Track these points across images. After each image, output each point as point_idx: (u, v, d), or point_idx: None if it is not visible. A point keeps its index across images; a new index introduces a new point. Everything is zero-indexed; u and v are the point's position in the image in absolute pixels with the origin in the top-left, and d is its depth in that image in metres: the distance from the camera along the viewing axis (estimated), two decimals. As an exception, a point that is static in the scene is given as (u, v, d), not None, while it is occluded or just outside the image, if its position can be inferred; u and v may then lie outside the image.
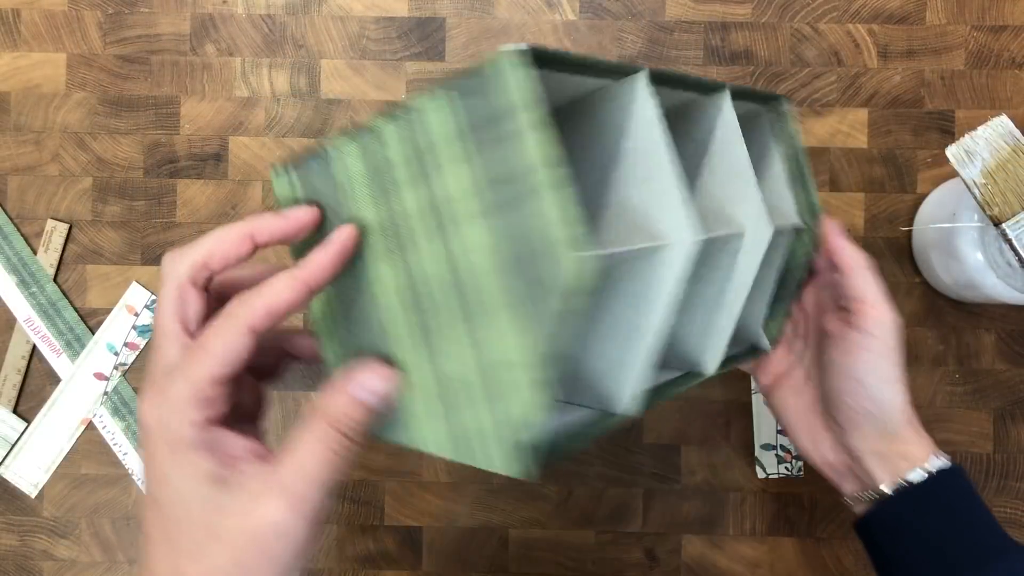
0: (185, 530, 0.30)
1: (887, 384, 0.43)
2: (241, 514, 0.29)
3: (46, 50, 0.60)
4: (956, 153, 0.49)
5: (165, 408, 0.30)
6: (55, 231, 0.60)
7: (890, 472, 0.43)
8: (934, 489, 0.42)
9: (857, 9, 0.59)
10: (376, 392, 0.31)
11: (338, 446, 0.30)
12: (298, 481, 0.29)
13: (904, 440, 0.43)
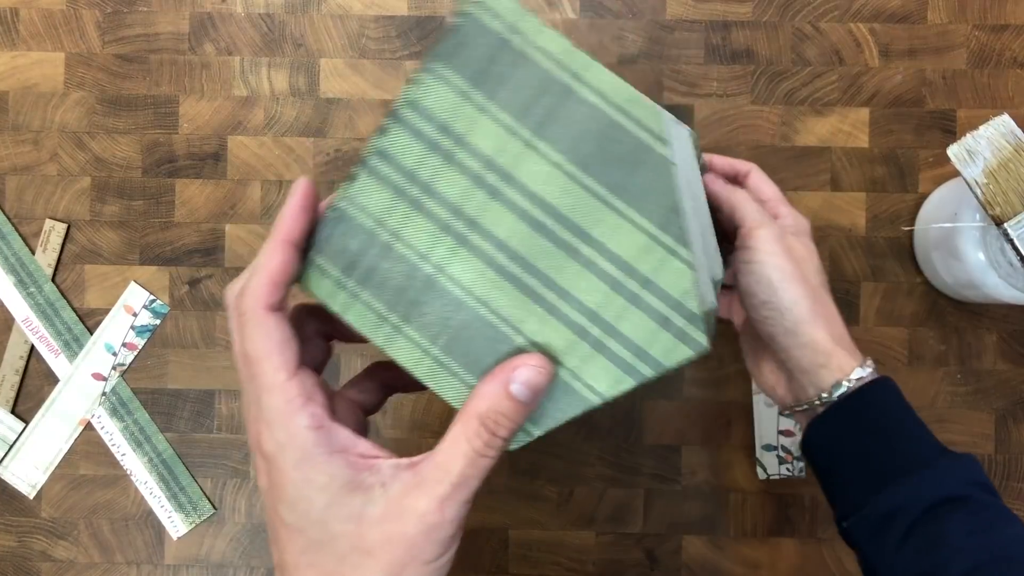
0: (331, 550, 0.28)
1: (782, 291, 0.43)
2: (388, 521, 0.27)
3: (44, 49, 0.60)
4: (958, 152, 0.48)
5: (277, 430, 0.28)
6: (53, 231, 0.60)
7: (816, 387, 0.44)
8: (859, 401, 0.43)
9: (858, 8, 0.59)
10: (531, 385, 0.29)
11: (486, 446, 0.29)
12: (444, 481, 0.28)
13: (827, 354, 0.43)
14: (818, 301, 0.44)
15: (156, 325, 0.60)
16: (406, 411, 0.60)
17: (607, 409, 0.59)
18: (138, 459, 0.60)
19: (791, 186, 0.59)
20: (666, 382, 0.59)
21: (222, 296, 0.37)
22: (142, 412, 0.60)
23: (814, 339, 0.43)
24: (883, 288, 0.59)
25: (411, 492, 0.28)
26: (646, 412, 0.59)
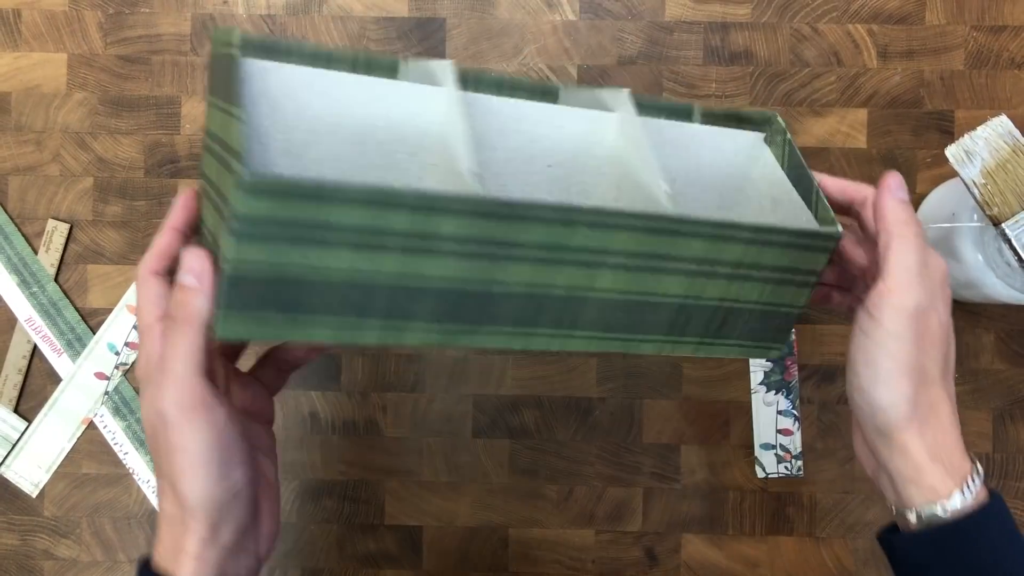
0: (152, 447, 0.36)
1: (883, 384, 0.36)
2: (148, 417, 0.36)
3: (47, 50, 0.61)
4: (955, 153, 0.49)
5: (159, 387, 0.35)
6: (56, 231, 0.60)
7: (903, 501, 0.37)
8: (956, 537, 0.36)
9: (856, 9, 0.59)
10: (194, 271, 0.34)
11: (168, 333, 0.35)
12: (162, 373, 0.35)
13: (918, 468, 0.36)
14: (923, 403, 0.36)
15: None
16: (406, 411, 0.60)
17: (607, 408, 0.60)
18: (140, 458, 0.60)
19: (790, 186, 0.59)
20: (666, 381, 0.60)
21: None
22: (144, 411, 0.60)
23: (905, 448, 0.36)
24: (881, 288, 0.59)
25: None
26: (645, 411, 0.60)
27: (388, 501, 0.60)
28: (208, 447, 0.34)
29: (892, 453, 0.37)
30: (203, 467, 0.34)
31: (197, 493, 0.34)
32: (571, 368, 0.60)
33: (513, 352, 0.60)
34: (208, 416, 0.34)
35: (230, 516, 0.35)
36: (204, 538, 0.35)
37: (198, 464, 0.34)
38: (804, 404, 0.59)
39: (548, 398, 0.60)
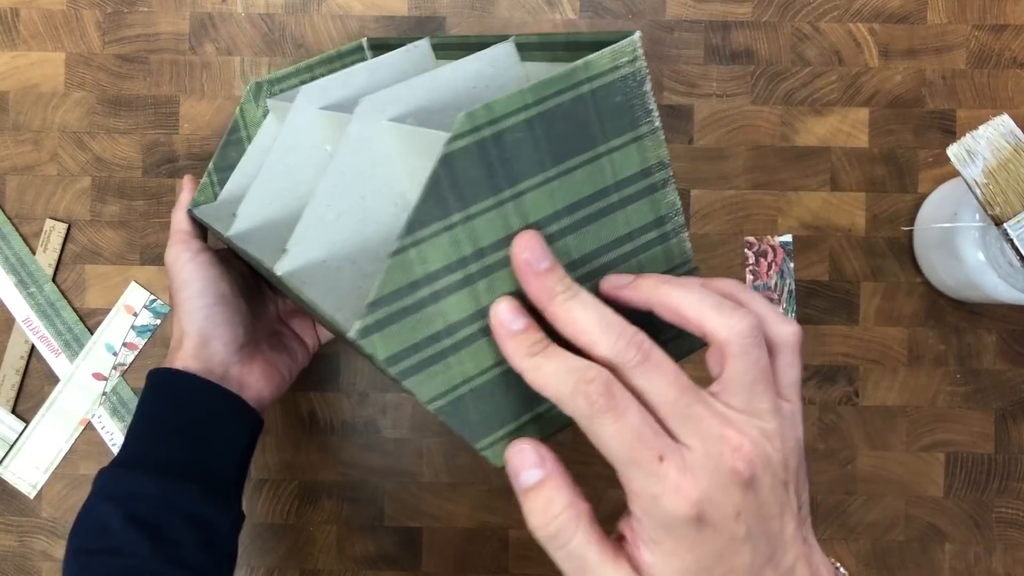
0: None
1: None
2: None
3: (45, 49, 0.60)
4: (957, 152, 0.48)
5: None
6: (54, 231, 0.60)
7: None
8: None
9: (858, 8, 0.59)
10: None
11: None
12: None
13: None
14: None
15: (157, 325, 0.60)
16: (406, 411, 0.60)
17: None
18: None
19: (791, 186, 0.59)
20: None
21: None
22: (142, 412, 0.60)
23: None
24: (883, 288, 0.59)
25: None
26: (646, 412, 0.59)
27: (387, 502, 0.60)
28: (190, 275, 0.48)
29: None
30: (186, 290, 0.48)
31: (182, 316, 0.48)
32: (571, 368, 0.60)
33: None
34: (189, 253, 0.48)
35: (209, 344, 0.48)
36: (188, 355, 0.47)
37: (184, 286, 0.48)
38: (805, 405, 0.59)
39: (548, 399, 0.60)
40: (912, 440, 0.59)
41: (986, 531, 0.59)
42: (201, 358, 0.47)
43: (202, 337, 0.47)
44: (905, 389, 0.59)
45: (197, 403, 0.47)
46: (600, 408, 0.28)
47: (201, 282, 0.48)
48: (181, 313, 0.48)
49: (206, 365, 0.47)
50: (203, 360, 0.47)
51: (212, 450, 0.46)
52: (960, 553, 0.59)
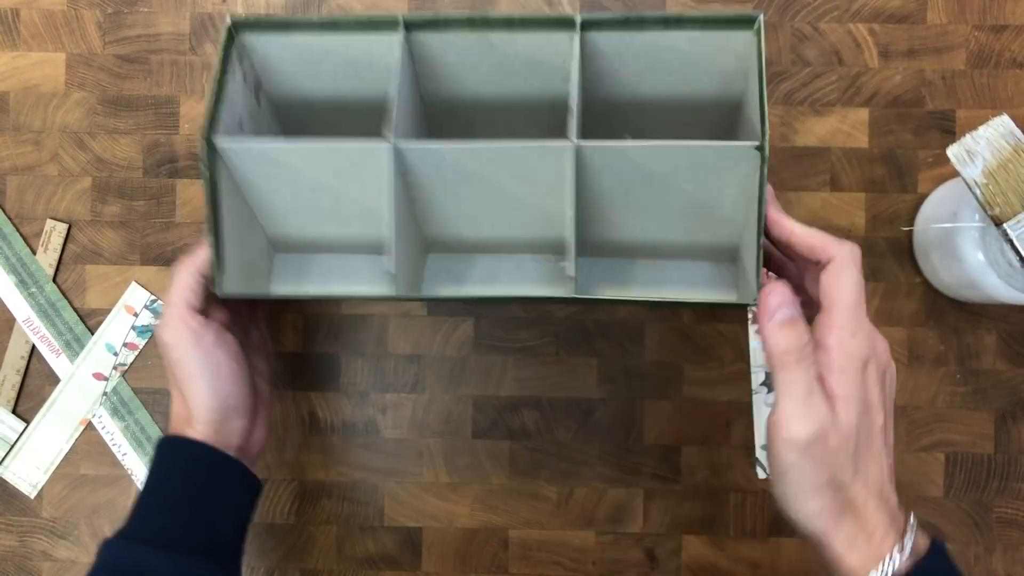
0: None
1: (794, 500, 0.40)
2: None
3: (45, 50, 0.60)
4: (957, 153, 0.48)
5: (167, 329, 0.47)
6: (54, 231, 0.60)
7: (833, 573, 0.40)
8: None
9: (858, 9, 0.59)
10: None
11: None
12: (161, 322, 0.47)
13: (836, 556, 0.39)
14: (835, 509, 0.39)
15: (157, 325, 0.60)
16: (406, 411, 0.60)
17: (607, 410, 0.59)
18: (139, 459, 0.60)
19: (790, 186, 0.59)
20: (666, 383, 0.59)
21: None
22: (143, 412, 0.60)
23: (823, 542, 0.39)
24: (882, 288, 0.59)
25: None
26: (646, 412, 0.59)
27: (387, 502, 0.60)
28: (200, 364, 0.46)
29: (815, 542, 0.40)
30: (199, 379, 0.46)
31: (196, 401, 0.46)
32: (571, 369, 0.60)
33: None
34: (194, 339, 0.46)
35: (227, 421, 0.47)
36: (206, 434, 0.47)
37: (195, 376, 0.46)
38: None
39: (548, 399, 0.60)
40: (912, 440, 0.59)
41: (986, 531, 0.59)
42: (222, 432, 0.47)
43: (221, 420, 0.47)
44: (904, 389, 0.59)
45: (207, 474, 0.47)
46: (856, 262, 0.41)
47: (211, 372, 0.46)
48: (192, 400, 0.47)
49: (225, 439, 0.47)
50: (223, 435, 0.47)
51: (220, 520, 0.47)
52: (960, 553, 0.59)
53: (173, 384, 0.48)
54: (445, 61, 0.48)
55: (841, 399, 0.39)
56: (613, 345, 0.60)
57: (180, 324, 0.46)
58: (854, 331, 0.40)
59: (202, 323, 0.46)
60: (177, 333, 0.46)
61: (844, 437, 0.39)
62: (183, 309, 0.46)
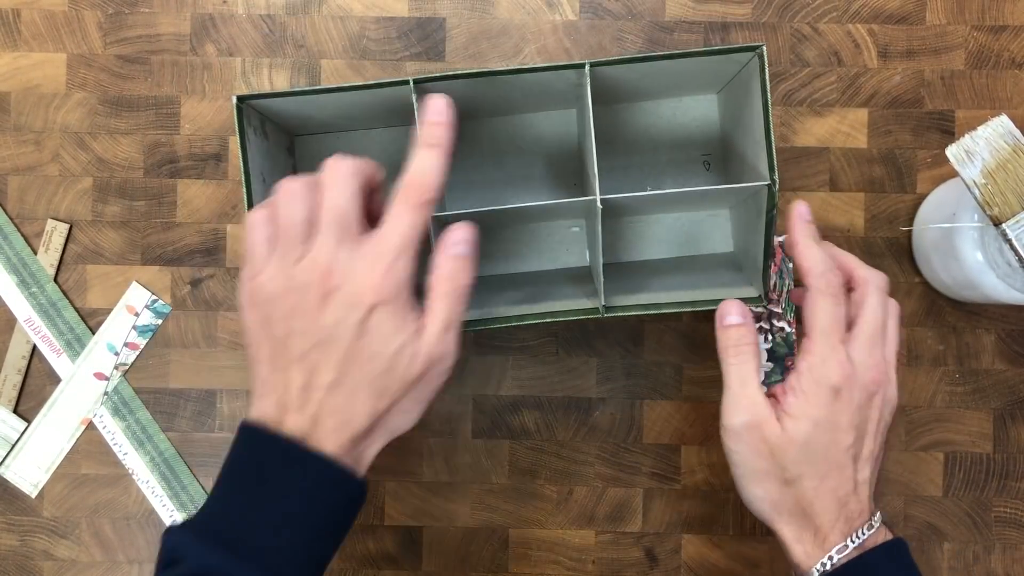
0: (395, 379, 0.39)
1: (745, 486, 0.45)
2: (421, 357, 0.39)
3: (46, 50, 0.61)
4: (956, 153, 0.49)
5: (378, 269, 0.38)
6: (55, 231, 0.60)
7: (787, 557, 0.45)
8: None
9: (857, 9, 0.59)
10: (464, 245, 0.41)
11: (458, 299, 0.40)
12: (443, 334, 0.40)
13: (785, 542, 0.45)
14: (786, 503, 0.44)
15: (158, 325, 0.60)
16: (407, 411, 0.60)
17: (607, 409, 0.60)
18: (140, 458, 0.60)
19: (790, 187, 0.59)
20: (666, 382, 0.60)
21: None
22: (144, 411, 0.60)
23: (773, 528, 0.45)
24: (882, 288, 0.59)
25: (427, 333, 0.39)
26: (645, 411, 0.60)
27: (388, 501, 0.60)
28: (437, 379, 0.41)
29: (771, 529, 0.45)
30: (423, 398, 0.40)
31: (408, 424, 0.40)
32: (571, 368, 0.60)
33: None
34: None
35: (383, 439, 0.41)
36: (338, 448, 0.39)
37: (419, 399, 0.40)
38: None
39: (548, 398, 0.60)
40: (911, 440, 0.59)
41: (985, 531, 0.59)
42: (360, 447, 0.39)
43: (391, 432, 0.40)
44: (904, 389, 0.59)
45: (328, 505, 0.39)
46: (831, 291, 0.43)
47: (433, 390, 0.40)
48: (366, 413, 0.38)
49: (358, 461, 0.40)
50: (357, 454, 0.39)
51: (326, 543, 0.40)
52: (959, 553, 0.59)
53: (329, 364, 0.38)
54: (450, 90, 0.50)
55: (791, 417, 0.42)
56: (613, 345, 0.60)
57: (402, 299, 0.38)
58: (825, 357, 0.42)
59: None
60: (399, 312, 0.38)
61: (790, 441, 0.42)
62: (402, 281, 0.38)
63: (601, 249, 0.49)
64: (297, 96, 0.49)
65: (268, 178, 0.52)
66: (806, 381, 0.42)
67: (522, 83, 0.50)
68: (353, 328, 0.37)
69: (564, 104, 0.58)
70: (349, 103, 0.51)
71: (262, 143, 0.52)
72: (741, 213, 0.55)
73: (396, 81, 0.48)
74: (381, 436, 0.40)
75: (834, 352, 0.42)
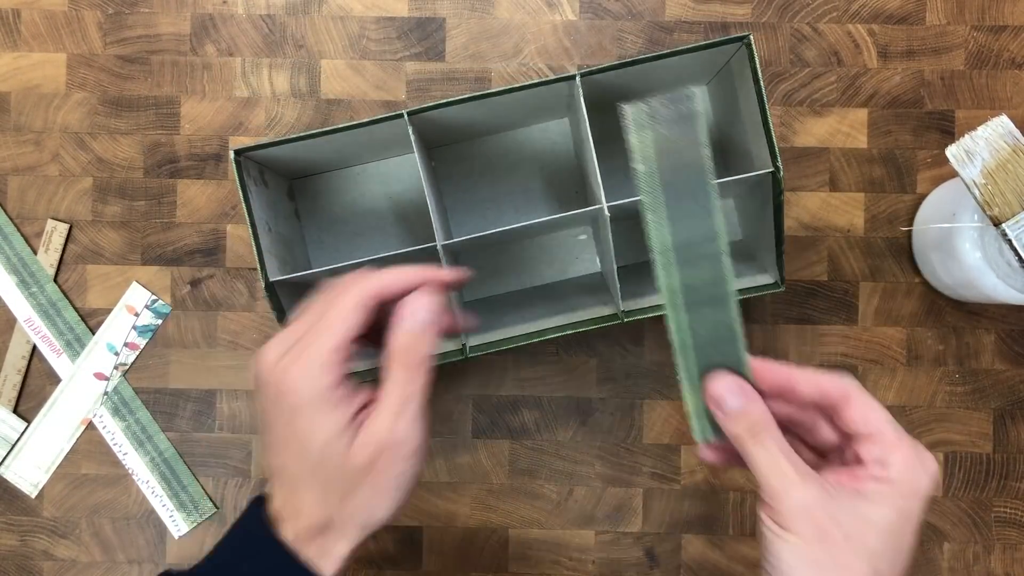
0: (333, 471, 0.37)
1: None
2: (366, 448, 0.37)
3: (46, 50, 0.60)
4: (956, 153, 0.49)
5: (305, 374, 0.37)
6: (55, 231, 0.60)
7: None
8: None
9: (857, 9, 0.59)
10: (420, 319, 0.39)
11: (417, 370, 0.38)
12: (397, 407, 0.37)
13: None
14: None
15: (158, 325, 0.60)
16: (406, 411, 0.60)
17: (607, 409, 0.60)
18: (140, 458, 0.60)
19: (790, 187, 0.59)
20: (665, 382, 0.60)
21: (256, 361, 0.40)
22: (144, 411, 0.60)
23: None
24: (881, 288, 0.59)
25: (378, 423, 0.37)
26: (645, 412, 0.60)
27: (388, 502, 0.60)
28: (412, 471, 0.38)
29: None
30: (397, 491, 0.38)
31: (379, 516, 0.38)
32: (571, 368, 0.60)
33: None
34: (421, 431, 0.39)
35: (368, 530, 0.39)
36: (354, 547, 0.38)
37: (397, 486, 0.38)
38: (804, 404, 0.59)
39: (548, 398, 0.60)
40: (911, 440, 0.59)
41: (984, 531, 0.59)
42: (323, 541, 0.38)
43: (361, 526, 0.38)
44: (904, 389, 0.59)
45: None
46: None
47: (411, 481, 0.38)
48: (361, 512, 0.38)
49: (323, 555, 0.38)
50: (322, 549, 0.38)
51: None
52: (959, 552, 0.59)
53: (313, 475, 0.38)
54: (442, 115, 0.51)
55: (877, 504, 0.35)
56: (613, 345, 0.60)
57: (417, 416, 0.38)
58: (918, 450, 0.36)
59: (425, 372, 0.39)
60: (413, 424, 0.38)
61: (859, 527, 0.34)
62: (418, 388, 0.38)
63: (613, 255, 0.50)
64: (294, 143, 0.50)
65: (273, 226, 0.53)
66: (899, 468, 0.35)
67: (513, 99, 0.50)
68: (284, 423, 0.38)
69: (555, 115, 0.58)
70: (344, 141, 0.52)
71: (263, 192, 0.53)
72: (747, 203, 0.56)
73: (390, 116, 0.48)
74: (349, 531, 0.38)
75: (916, 446, 0.36)
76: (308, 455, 0.37)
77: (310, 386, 0.37)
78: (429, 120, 0.50)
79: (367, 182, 0.60)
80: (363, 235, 0.59)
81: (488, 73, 0.60)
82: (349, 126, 0.49)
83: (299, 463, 0.38)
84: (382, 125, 0.49)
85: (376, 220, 0.59)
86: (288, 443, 0.38)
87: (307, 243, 0.60)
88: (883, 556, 0.34)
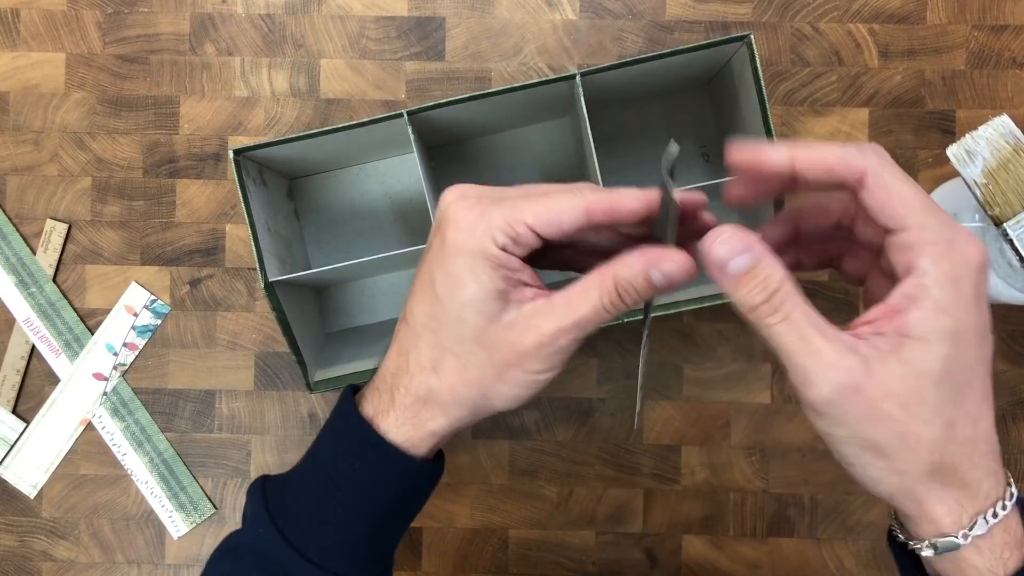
0: (456, 329, 0.33)
1: (897, 474, 0.30)
2: (512, 329, 0.33)
3: (45, 50, 0.60)
4: (957, 153, 0.48)
5: (483, 224, 0.33)
6: (54, 231, 0.60)
7: (916, 534, 0.32)
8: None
9: (858, 9, 0.59)
10: (670, 277, 0.32)
11: (611, 303, 0.33)
12: (567, 316, 0.33)
13: (932, 518, 0.31)
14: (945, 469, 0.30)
15: (157, 325, 0.60)
16: (406, 411, 0.60)
17: (607, 409, 0.59)
18: (139, 459, 0.60)
19: (791, 186, 0.59)
20: (666, 382, 0.59)
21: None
22: (143, 412, 0.60)
23: (919, 504, 0.31)
24: (882, 288, 0.59)
25: (539, 314, 0.33)
26: (646, 412, 0.59)
27: (387, 502, 0.60)
28: (564, 353, 0.34)
29: (901, 505, 0.32)
30: (547, 371, 0.34)
31: (494, 404, 0.35)
32: (571, 369, 0.60)
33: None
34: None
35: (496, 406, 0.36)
36: (451, 429, 0.36)
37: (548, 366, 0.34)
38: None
39: (548, 399, 0.60)
40: (912, 440, 0.59)
41: (986, 531, 0.59)
42: (421, 413, 0.36)
43: (464, 405, 0.35)
44: (905, 389, 0.59)
45: (406, 494, 0.38)
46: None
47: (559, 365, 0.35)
48: (489, 396, 0.35)
49: (419, 428, 0.36)
50: (417, 422, 0.36)
51: (394, 532, 0.39)
52: (960, 553, 0.59)
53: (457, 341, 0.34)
54: (443, 115, 0.51)
55: (916, 341, 0.29)
56: (613, 345, 0.60)
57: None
58: (952, 237, 0.31)
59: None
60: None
61: (923, 380, 0.29)
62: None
63: None
64: (293, 142, 0.50)
65: (272, 226, 0.53)
66: (939, 279, 0.30)
67: (513, 98, 0.50)
68: (437, 261, 0.34)
69: (555, 114, 0.58)
70: (344, 141, 0.52)
71: (262, 192, 0.53)
72: None
73: (390, 116, 0.48)
74: (452, 408, 0.35)
75: (955, 226, 0.30)
76: (448, 306, 0.33)
77: (483, 232, 0.33)
78: (429, 120, 0.50)
79: (366, 182, 0.60)
80: (362, 235, 0.59)
81: (488, 73, 0.60)
82: (349, 126, 0.49)
83: (433, 310, 0.34)
84: (382, 125, 0.49)
85: (375, 220, 0.59)
86: (432, 284, 0.34)
87: (306, 243, 0.59)
88: (950, 402, 0.29)
